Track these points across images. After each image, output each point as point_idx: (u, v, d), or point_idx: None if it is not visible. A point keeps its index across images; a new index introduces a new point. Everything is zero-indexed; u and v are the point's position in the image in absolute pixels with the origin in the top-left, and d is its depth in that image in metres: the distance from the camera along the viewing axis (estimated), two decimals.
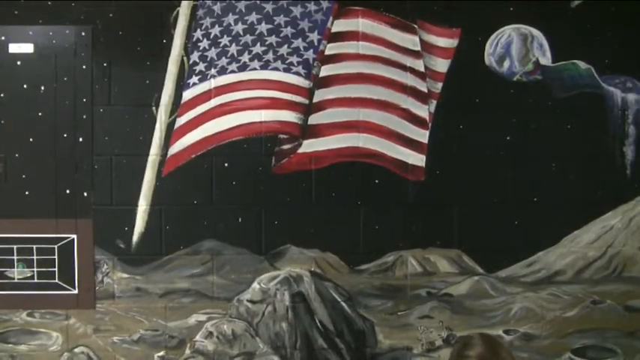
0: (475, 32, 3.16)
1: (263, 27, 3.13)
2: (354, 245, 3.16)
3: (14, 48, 3.11)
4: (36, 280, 3.12)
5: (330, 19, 3.14)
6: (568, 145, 3.18)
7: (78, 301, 3.13)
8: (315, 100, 3.14)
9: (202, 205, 3.14)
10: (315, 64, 3.14)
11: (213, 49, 3.13)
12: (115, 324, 3.15)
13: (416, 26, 3.15)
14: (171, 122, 3.14)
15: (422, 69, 3.16)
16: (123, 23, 3.11)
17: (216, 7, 3.13)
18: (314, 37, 3.13)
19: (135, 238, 3.13)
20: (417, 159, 3.16)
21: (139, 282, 3.15)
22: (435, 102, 3.16)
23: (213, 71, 3.13)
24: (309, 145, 3.14)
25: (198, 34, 3.13)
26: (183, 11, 3.12)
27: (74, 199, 3.11)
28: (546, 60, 3.18)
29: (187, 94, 3.13)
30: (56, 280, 3.12)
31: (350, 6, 3.14)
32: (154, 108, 3.13)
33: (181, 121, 3.13)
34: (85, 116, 3.12)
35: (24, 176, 3.10)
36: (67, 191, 3.11)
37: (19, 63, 3.11)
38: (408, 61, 3.15)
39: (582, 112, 3.18)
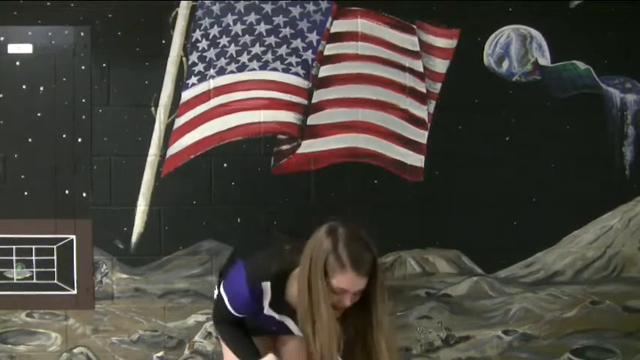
0: (474, 33, 3.16)
1: (262, 27, 3.13)
2: None
3: (13, 48, 3.11)
4: (35, 281, 3.12)
5: (329, 19, 3.14)
6: (567, 146, 3.18)
7: (77, 301, 3.13)
8: (314, 100, 3.14)
9: (201, 206, 3.13)
10: (314, 65, 3.14)
11: (212, 49, 3.13)
12: (114, 324, 3.15)
13: (415, 27, 3.15)
14: (170, 123, 3.14)
15: (421, 69, 3.16)
16: (122, 24, 3.11)
17: (215, 8, 3.13)
18: (313, 37, 3.13)
19: (134, 238, 3.13)
20: (416, 159, 3.16)
21: (138, 282, 3.15)
22: (433, 102, 3.16)
23: (212, 71, 3.13)
24: (308, 146, 3.14)
25: (197, 34, 3.13)
26: (182, 12, 3.12)
27: (73, 200, 3.11)
28: (545, 60, 3.18)
29: (186, 95, 3.13)
30: (55, 281, 3.12)
31: (349, 6, 3.14)
32: (152, 108, 3.13)
33: (180, 121, 3.13)
34: (84, 117, 3.12)
35: (23, 177, 3.10)
36: (66, 192, 3.11)
37: (18, 63, 3.11)
38: (407, 62, 3.15)
39: (581, 113, 3.18)
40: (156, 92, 3.12)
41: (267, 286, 2.20)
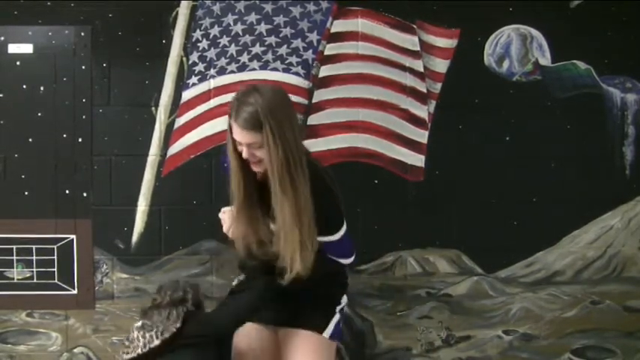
0: (474, 32, 3.16)
1: (262, 27, 3.13)
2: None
3: (14, 48, 3.11)
4: (35, 281, 3.12)
5: (330, 19, 3.14)
6: (567, 146, 3.18)
7: (77, 301, 3.13)
8: (314, 100, 3.14)
9: (201, 206, 3.13)
10: (314, 65, 3.14)
11: (212, 49, 3.13)
12: (114, 324, 3.15)
13: (415, 26, 3.15)
14: (170, 122, 3.14)
15: (421, 69, 3.16)
16: (122, 23, 3.11)
17: (216, 8, 3.13)
18: (313, 37, 3.13)
19: (134, 238, 3.13)
20: (416, 159, 3.16)
21: (138, 282, 3.15)
22: (434, 102, 3.16)
23: (212, 71, 3.13)
24: (308, 146, 3.12)
25: (198, 34, 3.13)
26: (183, 11, 3.12)
27: (73, 200, 3.11)
28: (546, 60, 3.18)
29: (187, 95, 3.13)
30: (55, 281, 3.12)
31: (349, 6, 3.14)
32: (153, 108, 3.13)
33: (181, 121, 3.13)
34: (84, 116, 3.12)
35: (23, 176, 3.10)
36: (67, 191, 3.11)
37: (18, 63, 3.11)
38: (408, 62, 3.15)
39: (581, 113, 3.18)
40: (156, 92, 3.12)
41: None
